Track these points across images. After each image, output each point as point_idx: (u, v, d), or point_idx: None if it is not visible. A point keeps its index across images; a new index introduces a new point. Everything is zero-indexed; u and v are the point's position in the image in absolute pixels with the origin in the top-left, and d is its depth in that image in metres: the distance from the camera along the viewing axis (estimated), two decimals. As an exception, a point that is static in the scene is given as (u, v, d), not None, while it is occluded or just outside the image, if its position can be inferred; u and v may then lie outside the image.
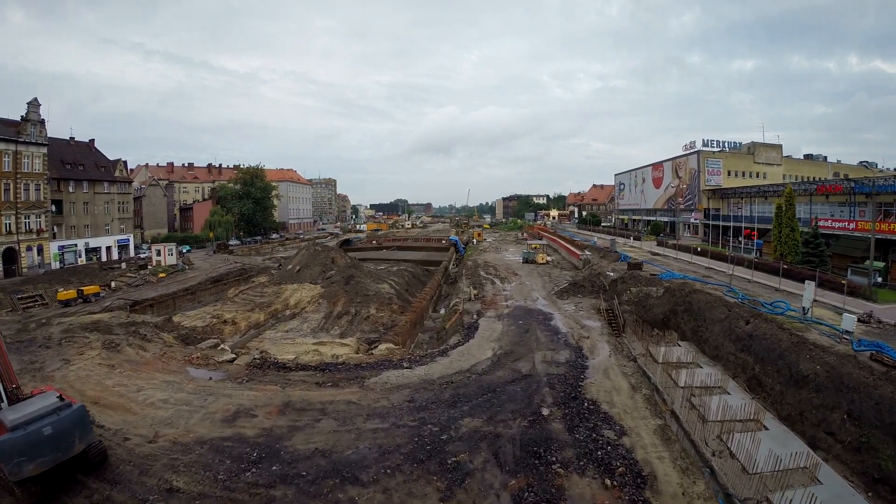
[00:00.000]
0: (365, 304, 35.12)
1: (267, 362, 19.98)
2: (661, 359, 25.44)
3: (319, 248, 44.41)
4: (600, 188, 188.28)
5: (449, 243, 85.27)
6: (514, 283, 37.88)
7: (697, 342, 29.16)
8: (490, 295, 33.30)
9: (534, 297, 31.97)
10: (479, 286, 36.53)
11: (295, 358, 22.05)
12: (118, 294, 50.02)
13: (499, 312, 27.64)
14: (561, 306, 29.67)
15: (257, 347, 26.59)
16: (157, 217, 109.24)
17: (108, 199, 73.78)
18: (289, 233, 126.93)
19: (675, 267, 40.79)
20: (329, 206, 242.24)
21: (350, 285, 37.86)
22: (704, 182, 72.90)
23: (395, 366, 17.60)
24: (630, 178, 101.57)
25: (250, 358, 21.94)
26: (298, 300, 38.60)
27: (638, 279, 32.63)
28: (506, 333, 22.58)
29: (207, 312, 40.07)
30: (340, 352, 24.20)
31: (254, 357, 22.01)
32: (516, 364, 17.77)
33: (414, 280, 46.63)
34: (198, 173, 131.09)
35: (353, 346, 24.91)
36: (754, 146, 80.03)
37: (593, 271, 36.52)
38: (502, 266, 48.03)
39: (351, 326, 31.94)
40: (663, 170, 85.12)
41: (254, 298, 42.00)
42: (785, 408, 20.59)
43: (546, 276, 40.82)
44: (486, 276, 41.24)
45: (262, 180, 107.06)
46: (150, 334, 28.94)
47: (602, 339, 22.64)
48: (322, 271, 41.80)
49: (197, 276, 54.77)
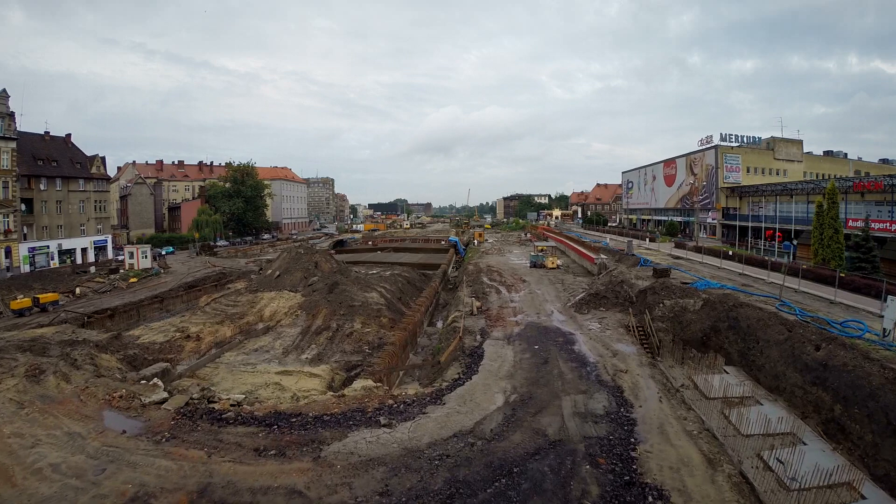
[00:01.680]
0: (349, 316, 30.09)
1: (199, 410, 14.90)
2: (713, 392, 20.50)
3: (302, 251, 39.37)
4: (604, 187, 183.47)
5: (448, 244, 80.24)
6: (522, 291, 32.83)
7: (748, 367, 24.22)
8: (496, 307, 28.25)
9: (548, 311, 26.94)
10: (482, 296, 31.48)
11: (245, 398, 16.98)
12: (82, 302, 45.10)
13: (507, 332, 22.62)
14: (582, 323, 24.64)
15: (207, 378, 21.53)
16: (144, 217, 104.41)
17: (84, 197, 68.85)
18: (282, 233, 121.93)
19: (706, 273, 35.70)
20: (326, 206, 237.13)
21: (334, 294, 32.81)
22: (723, 179, 67.81)
23: (370, 421, 12.61)
24: (639, 175, 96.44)
25: (186, 398, 16.87)
26: (274, 311, 33.57)
27: (671, 290, 27.56)
28: (519, 365, 17.56)
29: (172, 325, 35.09)
30: (308, 385, 19.15)
31: (190, 397, 16.95)
32: (538, 418, 12.75)
33: (408, 286, 41.56)
34: (188, 171, 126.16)
35: (325, 377, 19.85)
36: (774, 141, 74.94)
37: (614, 279, 31.46)
38: (507, 271, 42.96)
39: (330, 345, 26.90)
40: (676, 167, 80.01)
41: (226, 308, 36.95)
42: (881, 465, 15.61)
43: (558, 283, 35.74)
44: (490, 284, 36.17)
45: (253, 178, 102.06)
46: (82, 358, 23.84)
47: (644, 373, 17.58)
48: (304, 277, 36.75)
49: (171, 282, 49.75)
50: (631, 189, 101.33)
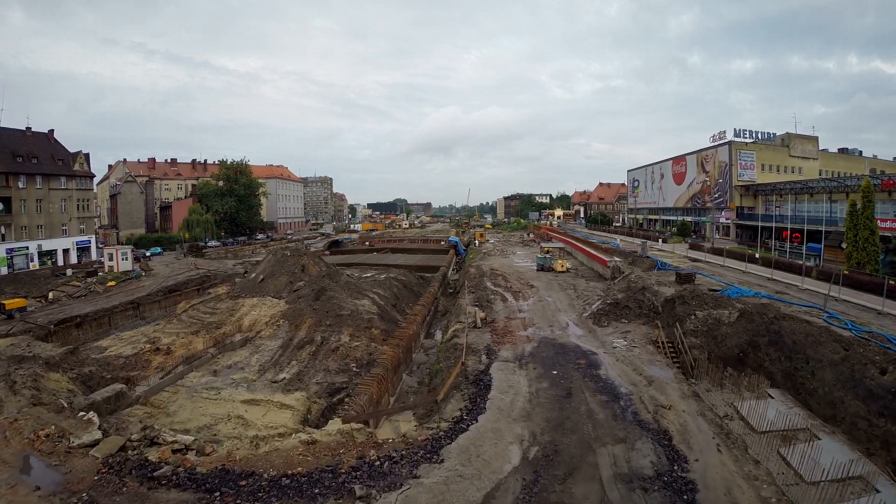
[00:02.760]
0: (336, 327, 26.82)
1: (131, 462, 11.63)
2: (761, 424, 17.29)
3: (288, 253, 36.05)
4: (607, 186, 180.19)
5: (448, 245, 76.96)
6: (531, 299, 29.51)
7: (795, 391, 21.04)
8: (502, 318, 24.94)
9: (562, 323, 23.66)
10: (486, 304, 28.16)
11: (195, 440, 13.67)
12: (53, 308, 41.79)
13: (518, 351, 19.31)
14: (604, 338, 21.35)
15: (163, 406, 18.25)
16: (134, 216, 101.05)
17: (66, 195, 65.50)
18: (278, 233, 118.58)
19: (732, 278, 32.44)
20: (325, 206, 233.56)
21: (321, 301, 29.54)
22: (737, 177, 64.48)
23: (342, 488, 9.31)
24: (646, 174, 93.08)
25: (123, 441, 13.60)
26: (254, 321, 30.31)
27: (702, 298, 24.27)
28: (536, 399, 14.19)
29: (145, 334, 31.90)
30: (278, 419, 15.86)
31: (128, 438, 13.68)
32: (570, 488, 9.40)
33: (405, 291, 38.25)
34: (181, 169, 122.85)
35: (299, 409, 16.56)
36: (789, 138, 71.64)
37: (633, 285, 28.17)
38: (513, 275, 39.63)
39: (313, 361, 23.61)
40: (686, 164, 76.68)
41: (203, 316, 33.68)
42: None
43: (570, 288, 32.44)
44: (495, 289, 32.85)
45: (246, 176, 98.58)
46: (23, 380, 20.55)
47: (690, 408, 14.23)
48: (289, 282, 33.46)
49: (150, 285, 46.44)
50: (637, 188, 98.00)
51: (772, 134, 69.91)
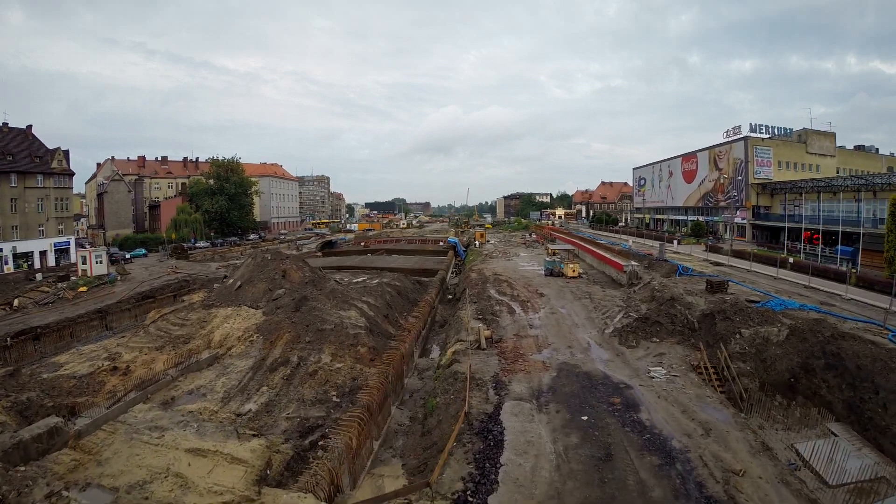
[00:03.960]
0: (317, 344, 23.24)
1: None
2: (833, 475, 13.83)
3: (269, 257, 32.39)
4: (609, 185, 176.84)
5: (447, 246, 73.33)
6: (542, 311, 25.90)
7: (861, 426, 17.56)
8: (511, 336, 21.34)
9: (582, 342, 20.09)
10: (491, 318, 24.56)
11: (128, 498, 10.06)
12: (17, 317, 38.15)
13: (534, 383, 15.65)
14: (635, 363, 17.80)
15: (95, 451, 14.69)
16: (121, 216, 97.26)
17: (43, 194, 61.90)
18: (271, 233, 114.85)
19: (766, 286, 28.87)
20: (322, 205, 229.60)
21: (301, 313, 25.93)
22: (753, 174, 60.93)
23: None
24: (653, 171, 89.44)
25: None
26: (226, 335, 26.73)
27: (746, 313, 20.69)
28: (566, 467, 10.33)
29: (107, 349, 28.42)
30: (226, 478, 12.27)
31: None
32: None
33: (399, 299, 34.62)
34: (172, 167, 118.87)
35: (255, 463, 12.95)
36: (806, 133, 68.13)
37: (659, 295, 24.62)
38: (518, 280, 36.01)
39: (286, 388, 20.05)
40: (697, 161, 73.10)
41: (172, 328, 30.11)
42: None
43: (584, 297, 28.85)
44: (500, 299, 29.25)
45: (237, 174, 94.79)
46: (-71, 415, 16.98)
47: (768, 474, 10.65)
48: (268, 289, 29.84)
49: (123, 291, 42.75)
50: (643, 186, 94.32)
51: (788, 129, 66.38)
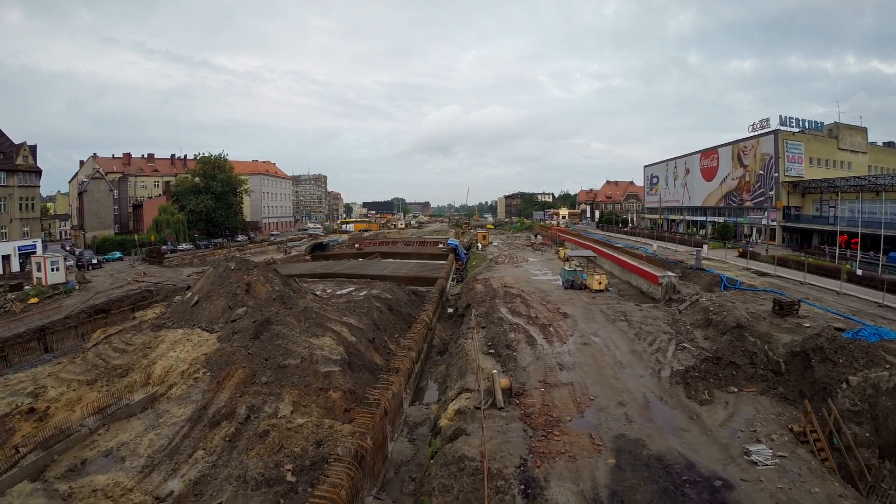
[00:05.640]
0: (275, 386, 17.77)
1: None
2: None
3: (232, 267, 26.88)
4: (615, 184, 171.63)
5: (447, 249, 67.77)
6: (570, 339, 20.20)
7: None
8: (537, 384, 15.66)
9: (637, 395, 14.50)
10: (506, 350, 18.90)
11: None
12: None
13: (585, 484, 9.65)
14: (720, 434, 12.22)
15: None
16: (102, 216, 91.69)
17: (6, 193, 56.69)
18: (262, 234, 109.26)
19: (833, 304, 23.28)
20: (318, 205, 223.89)
21: (261, 341, 20.39)
22: (784, 172, 55.40)
23: None
24: (666, 169, 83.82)
25: None
26: (169, 368, 21.23)
27: (847, 352, 15.14)
28: None
29: (36, 380, 22.95)
30: None
31: None
32: None
33: (389, 316, 29.05)
34: (159, 165, 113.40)
35: None
36: (838, 128, 62.57)
37: (716, 318, 19.15)
38: (534, 294, 30.40)
39: (228, 455, 14.59)
40: (718, 158, 67.54)
41: (112, 355, 24.45)
42: None
43: (619, 318, 23.21)
44: (514, 322, 23.64)
45: (224, 172, 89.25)
46: None
47: None
48: (228, 307, 24.32)
49: (75, 304, 37.17)
50: (656, 185, 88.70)
51: (819, 123, 60.83)
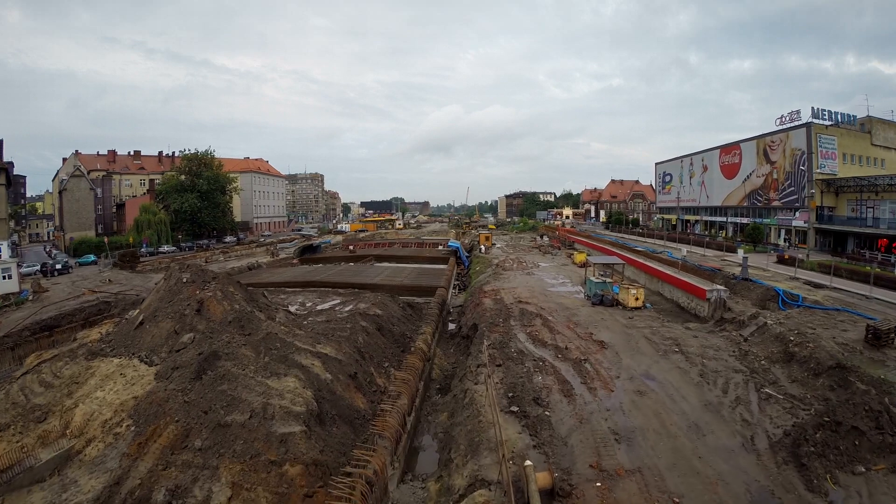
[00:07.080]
0: (212, 456, 12.90)
1: None
2: None
3: (185, 279, 22.03)
4: (619, 183, 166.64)
5: (448, 251, 62.84)
6: (617, 383, 15.00)
7: None
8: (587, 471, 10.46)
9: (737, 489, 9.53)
10: (532, 408, 13.78)
11: None
12: None
13: None
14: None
15: None
16: (83, 216, 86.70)
17: (-34, 190, 51.24)
18: (253, 234, 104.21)
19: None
20: (315, 204, 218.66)
21: (203, 384, 15.49)
22: (817, 168, 50.52)
23: None
24: (681, 166, 78.83)
25: None
26: (91, 415, 16.40)
27: None
28: None
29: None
30: None
31: None
32: None
33: (378, 339, 24.09)
34: (145, 163, 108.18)
35: None
36: (871, 122, 57.67)
37: (799, 352, 14.34)
38: (556, 312, 25.31)
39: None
40: (740, 153, 62.60)
41: (36, 391, 19.50)
42: None
43: (672, 349, 18.13)
44: (538, 354, 18.62)
45: (211, 169, 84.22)
46: None
47: None
48: (174, 331, 19.42)
49: (20, 319, 32.18)
50: (669, 183, 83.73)
51: (852, 117, 55.92)
